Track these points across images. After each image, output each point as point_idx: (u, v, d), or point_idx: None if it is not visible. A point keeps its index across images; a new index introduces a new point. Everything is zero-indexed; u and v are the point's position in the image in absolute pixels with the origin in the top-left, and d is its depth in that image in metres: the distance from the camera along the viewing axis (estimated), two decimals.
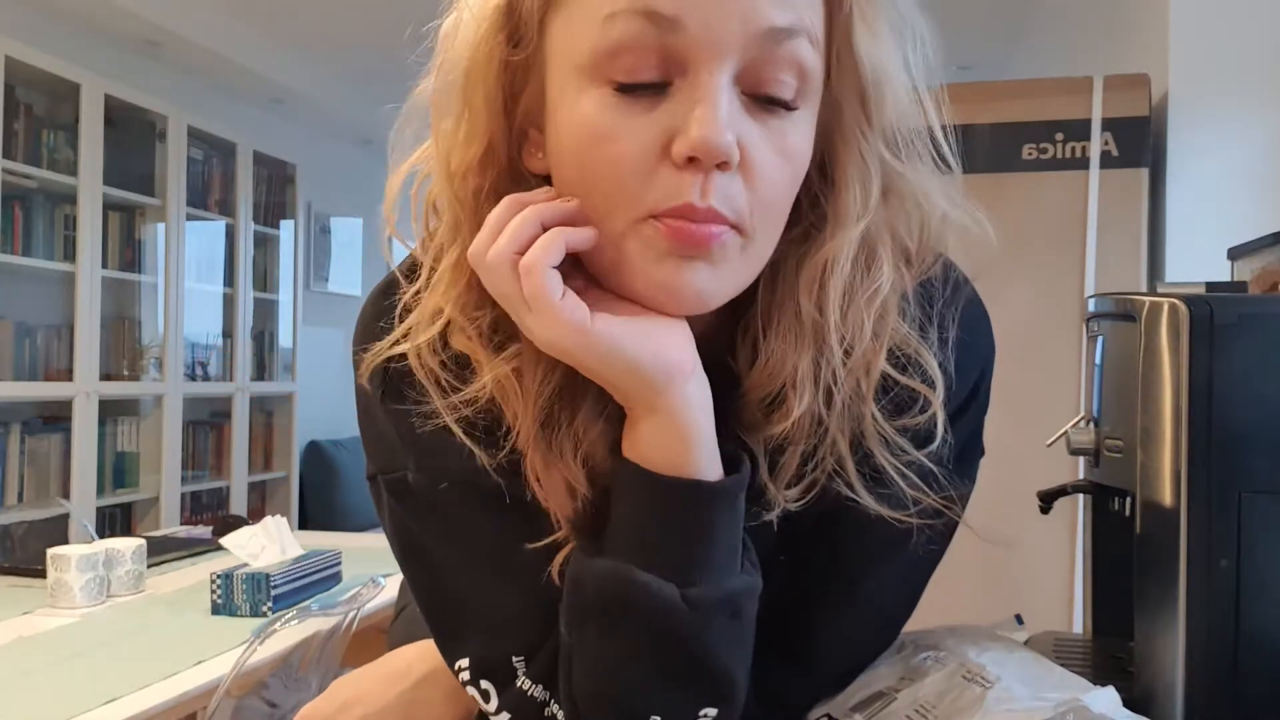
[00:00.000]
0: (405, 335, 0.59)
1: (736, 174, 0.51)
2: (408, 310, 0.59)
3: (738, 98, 0.51)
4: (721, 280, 0.53)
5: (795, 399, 0.56)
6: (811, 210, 0.57)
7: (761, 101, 0.51)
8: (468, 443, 0.57)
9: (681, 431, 0.54)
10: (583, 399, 0.57)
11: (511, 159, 0.56)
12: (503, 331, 0.56)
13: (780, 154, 0.52)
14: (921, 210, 0.59)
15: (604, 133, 0.51)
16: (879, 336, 0.56)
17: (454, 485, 0.60)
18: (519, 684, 0.60)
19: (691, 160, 0.50)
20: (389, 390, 0.60)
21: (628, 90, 0.50)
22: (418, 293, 0.59)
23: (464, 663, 0.62)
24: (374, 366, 0.60)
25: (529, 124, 0.56)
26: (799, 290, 0.56)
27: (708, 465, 0.55)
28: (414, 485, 0.61)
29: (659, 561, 0.54)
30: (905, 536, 0.59)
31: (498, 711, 0.61)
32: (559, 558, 0.58)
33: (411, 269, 0.61)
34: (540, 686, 0.60)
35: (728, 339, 0.59)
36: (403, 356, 0.58)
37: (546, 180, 0.56)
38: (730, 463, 0.56)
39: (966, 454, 0.62)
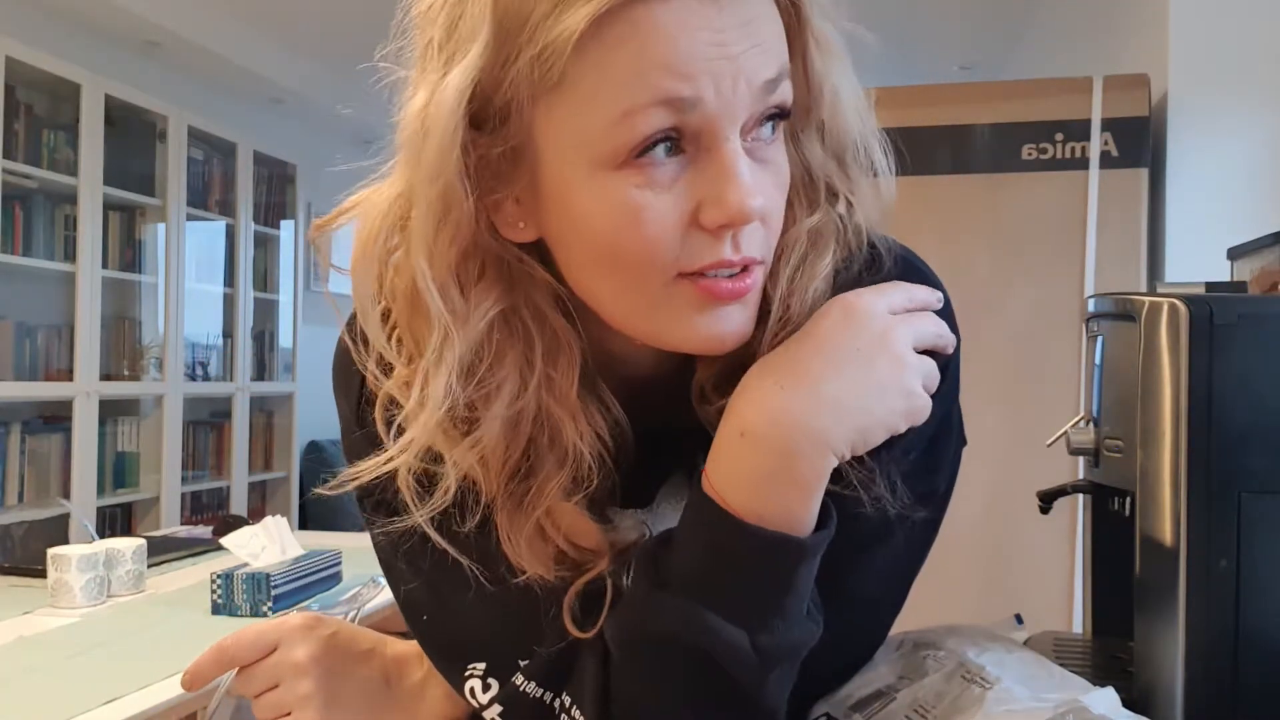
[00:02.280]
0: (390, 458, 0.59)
1: (757, 221, 0.53)
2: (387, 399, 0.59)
3: (744, 150, 0.52)
4: (751, 313, 0.56)
5: None
6: None
7: (761, 146, 0.54)
8: (442, 542, 0.59)
9: (811, 493, 0.54)
10: (554, 465, 0.58)
11: (490, 246, 0.56)
12: (468, 425, 0.57)
13: (780, 187, 0.55)
14: (858, 206, 0.62)
15: (634, 216, 0.51)
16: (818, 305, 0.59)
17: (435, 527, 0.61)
18: (514, 680, 0.60)
19: (723, 226, 0.52)
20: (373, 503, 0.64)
21: (650, 170, 0.51)
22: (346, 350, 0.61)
23: (479, 668, 0.62)
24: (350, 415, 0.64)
25: (505, 198, 0.55)
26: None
27: (814, 519, 0.54)
28: (396, 508, 0.61)
29: (736, 609, 0.54)
30: (886, 528, 0.58)
31: (489, 704, 0.61)
32: (568, 598, 0.59)
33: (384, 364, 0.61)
34: (534, 684, 0.60)
35: None
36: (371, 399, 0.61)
37: (527, 249, 0.56)
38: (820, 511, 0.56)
39: (937, 446, 0.62)
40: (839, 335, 0.55)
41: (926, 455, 0.60)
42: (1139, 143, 2.46)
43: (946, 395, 0.60)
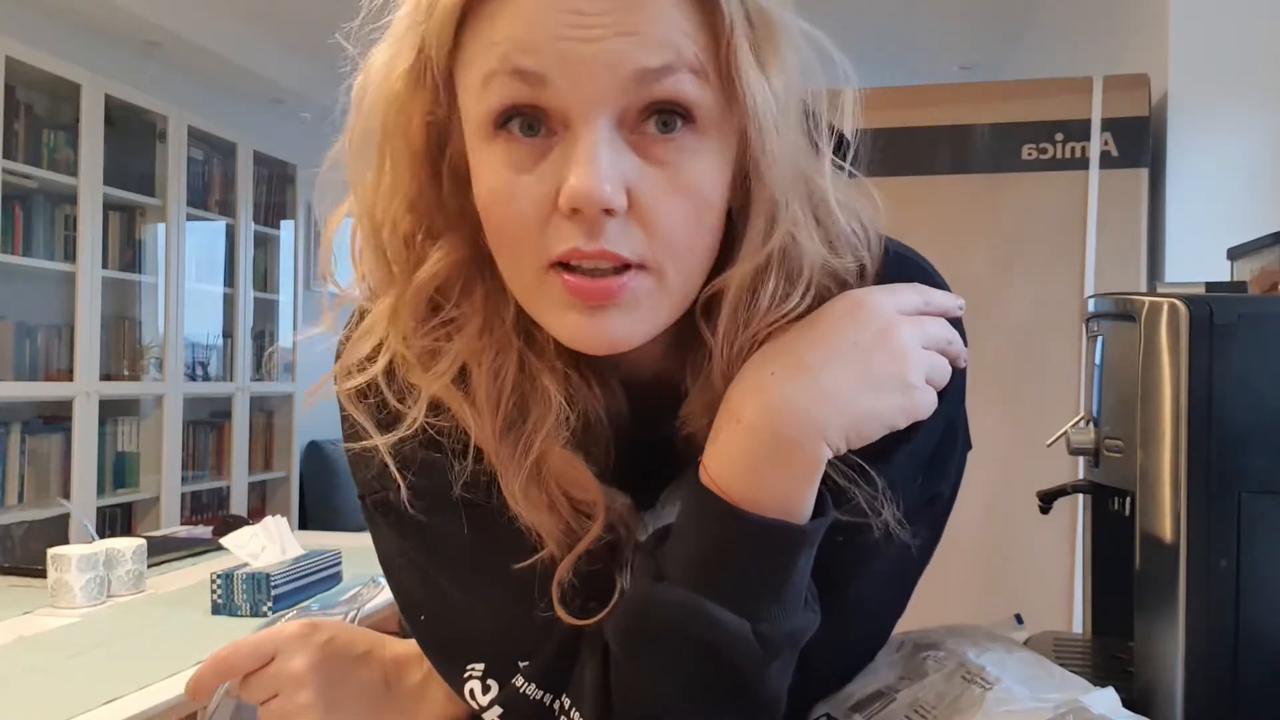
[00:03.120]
0: (335, 378, 0.61)
1: (629, 219, 0.51)
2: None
3: (623, 141, 0.51)
4: (635, 323, 0.53)
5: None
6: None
7: (651, 141, 0.52)
8: (402, 482, 0.59)
9: (807, 481, 0.53)
10: (541, 410, 0.58)
11: (443, 200, 0.58)
12: (440, 357, 0.58)
13: (678, 192, 0.52)
14: (837, 228, 0.59)
15: (500, 192, 0.52)
16: None
17: (436, 504, 0.61)
18: (514, 681, 0.60)
19: (576, 211, 0.50)
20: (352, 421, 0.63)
21: (515, 148, 0.52)
22: (347, 339, 0.62)
23: (477, 668, 0.62)
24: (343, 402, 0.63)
25: (461, 161, 0.57)
26: (696, 316, 0.57)
27: (810, 506, 0.54)
28: (397, 504, 0.61)
29: (735, 596, 0.53)
30: (886, 539, 0.58)
31: (489, 706, 0.61)
32: (556, 579, 0.58)
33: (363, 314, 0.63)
34: (534, 685, 0.60)
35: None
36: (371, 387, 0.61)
37: None
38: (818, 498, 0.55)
39: (942, 452, 0.61)
40: (839, 328, 0.55)
41: (932, 461, 0.60)
42: (1139, 143, 2.46)
43: (952, 401, 0.60)
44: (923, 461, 0.60)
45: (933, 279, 0.62)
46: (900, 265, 0.62)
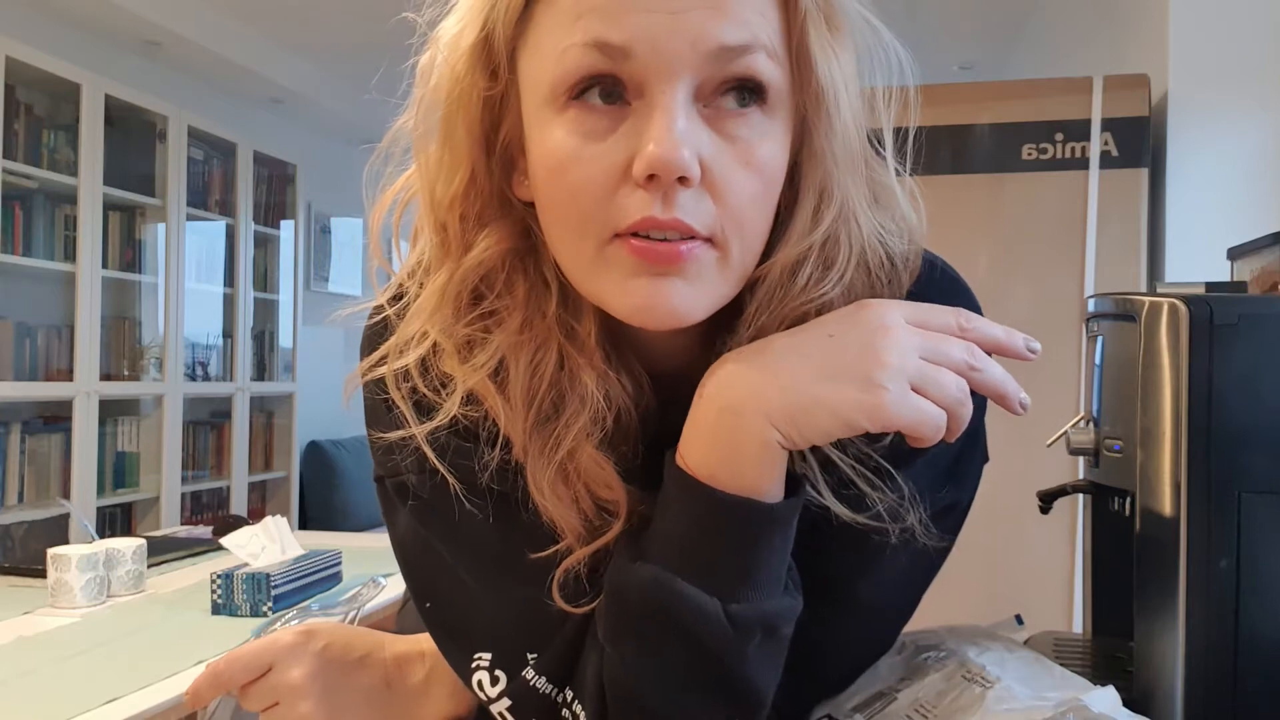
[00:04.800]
0: (383, 359, 0.61)
1: (702, 190, 0.52)
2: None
3: (698, 114, 0.52)
4: (698, 295, 0.53)
5: None
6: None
7: (724, 116, 0.52)
8: (440, 467, 0.59)
9: (768, 459, 0.53)
10: (576, 407, 0.57)
11: (495, 188, 0.58)
12: (479, 349, 0.58)
13: (747, 166, 0.53)
14: (884, 219, 0.59)
15: (568, 160, 0.52)
16: None
17: (462, 492, 0.60)
18: (525, 674, 0.60)
19: (651, 178, 0.50)
20: (380, 407, 0.63)
21: (588, 117, 0.52)
22: (400, 315, 0.61)
23: (485, 658, 0.62)
24: (370, 383, 0.63)
25: (517, 152, 0.58)
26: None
27: (777, 487, 0.54)
28: (418, 489, 0.61)
29: (705, 575, 0.53)
30: (902, 545, 0.58)
31: (499, 698, 0.61)
32: (560, 571, 0.59)
33: (397, 298, 0.63)
34: (545, 679, 0.60)
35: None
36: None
37: (532, 206, 0.57)
38: (791, 480, 0.55)
39: (963, 461, 0.61)
40: (825, 322, 0.55)
41: (952, 470, 0.60)
42: (1139, 143, 2.46)
43: (975, 412, 0.59)
44: (942, 471, 0.60)
45: (975, 308, 0.61)
46: (941, 279, 0.62)
